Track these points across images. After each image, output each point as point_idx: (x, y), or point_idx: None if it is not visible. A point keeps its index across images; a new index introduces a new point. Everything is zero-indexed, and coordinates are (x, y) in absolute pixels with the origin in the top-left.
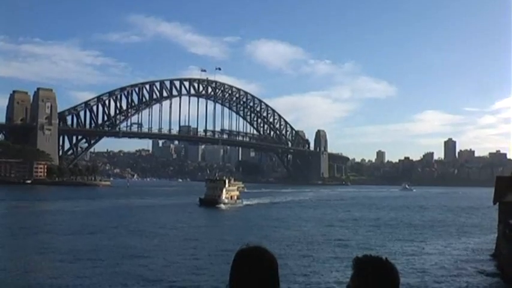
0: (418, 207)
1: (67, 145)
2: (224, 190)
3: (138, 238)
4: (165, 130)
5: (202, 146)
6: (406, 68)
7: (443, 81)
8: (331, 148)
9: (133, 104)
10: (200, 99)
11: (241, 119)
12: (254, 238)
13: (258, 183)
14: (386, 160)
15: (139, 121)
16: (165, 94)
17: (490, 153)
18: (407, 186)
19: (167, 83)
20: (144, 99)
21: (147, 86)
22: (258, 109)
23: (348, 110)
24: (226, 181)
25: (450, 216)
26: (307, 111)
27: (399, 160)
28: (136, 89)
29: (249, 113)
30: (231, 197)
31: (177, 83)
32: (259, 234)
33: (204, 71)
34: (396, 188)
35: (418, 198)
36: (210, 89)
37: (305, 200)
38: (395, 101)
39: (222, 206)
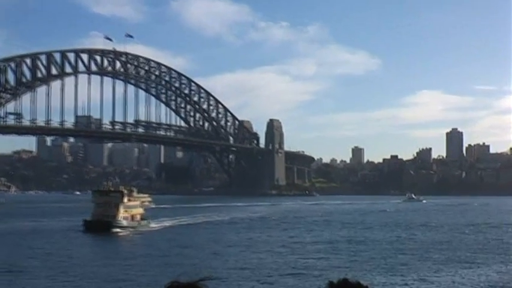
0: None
1: None
2: (121, 207)
3: None
4: (55, 123)
5: (109, 145)
6: (394, 32)
7: (446, 50)
8: (290, 145)
9: (7, 87)
10: (105, 78)
11: (163, 106)
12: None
13: (188, 195)
14: (365, 160)
15: (18, 110)
16: (54, 71)
17: None
18: (413, 196)
19: (57, 56)
20: (24, 79)
21: (28, 61)
22: (186, 92)
23: (312, 92)
24: (125, 193)
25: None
26: (255, 94)
27: (384, 160)
28: (13, 65)
29: (174, 98)
30: (133, 216)
31: (72, 56)
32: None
33: (110, 39)
34: (397, 199)
35: (434, 214)
36: (118, 64)
37: (252, 218)
38: (378, 78)
39: (119, 230)
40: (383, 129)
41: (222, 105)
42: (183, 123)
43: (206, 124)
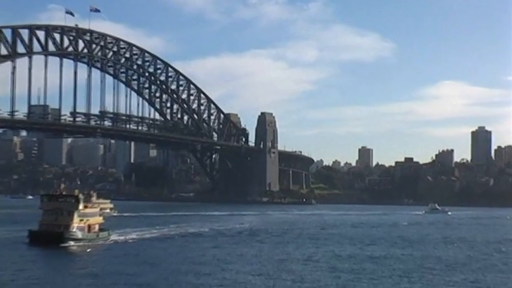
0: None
1: None
2: (76, 215)
3: None
4: (4, 113)
5: (69, 140)
6: (411, 11)
7: (472, 34)
8: (285, 143)
9: None
10: (65, 60)
11: (134, 95)
12: None
13: (163, 202)
14: (375, 163)
15: None
16: (4, 51)
17: None
18: (437, 207)
19: (7, 33)
20: None
21: None
22: (162, 78)
23: (312, 81)
24: (81, 198)
25: None
26: (244, 83)
27: (396, 163)
28: None
29: (147, 85)
30: (90, 227)
31: (25, 33)
32: None
33: (72, 14)
34: (416, 210)
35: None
36: (81, 44)
37: (237, 230)
38: (391, 65)
39: (72, 243)
40: (396, 127)
41: (204, 95)
42: (158, 116)
43: (186, 117)
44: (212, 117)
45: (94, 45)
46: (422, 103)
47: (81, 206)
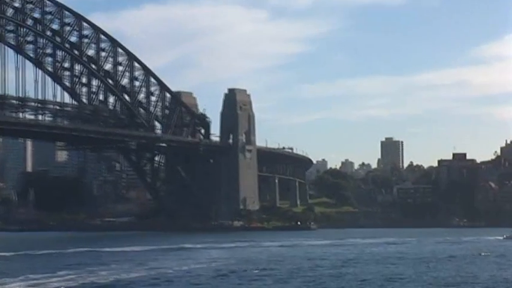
0: None
1: None
2: None
3: None
4: None
5: None
6: None
7: None
8: (267, 136)
9: None
10: None
11: (30, 66)
12: None
13: (80, 231)
14: (406, 163)
15: None
16: None
17: None
18: None
19: None
20: None
21: None
22: (73, 40)
23: (307, 38)
24: None
25: None
26: (203, 44)
27: (440, 163)
28: None
29: (50, 51)
30: None
31: None
32: None
33: None
34: (486, 235)
35: None
36: None
37: (189, 276)
38: (431, 11)
39: None
40: (439, 107)
41: (141, 64)
42: (67, 99)
43: (112, 99)
44: (153, 99)
45: None
46: (479, 69)
47: None
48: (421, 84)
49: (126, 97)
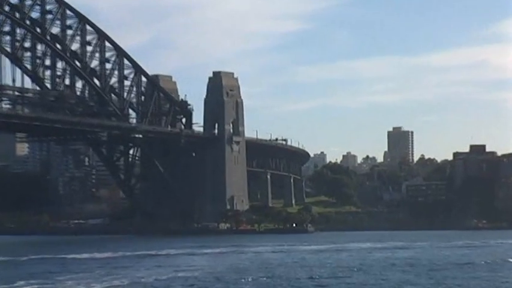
0: None
1: None
2: None
3: None
4: None
5: None
6: None
7: None
8: (258, 126)
9: None
10: None
11: None
12: None
13: (43, 235)
14: (417, 157)
15: None
16: None
17: None
18: None
19: None
20: None
21: None
22: (35, 15)
23: (304, 14)
24: None
25: None
26: (183, 22)
27: (455, 155)
28: None
29: (9, 28)
30: None
31: None
32: None
33: None
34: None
35: None
36: None
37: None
38: None
39: None
40: (453, 92)
41: (112, 43)
42: (29, 84)
43: (79, 84)
44: (127, 83)
45: None
46: (498, 48)
47: None
48: (433, 66)
49: (96, 81)
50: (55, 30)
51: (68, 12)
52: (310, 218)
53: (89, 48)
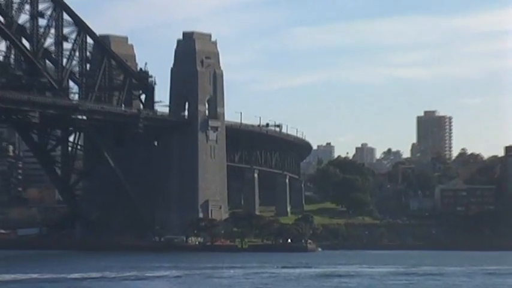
0: None
1: None
2: None
3: None
4: None
5: None
6: None
7: None
8: (243, 107)
9: None
10: None
11: None
12: None
13: None
14: (455, 153)
15: None
16: None
17: None
18: None
19: None
20: None
21: None
22: None
23: None
24: None
25: None
26: None
27: (508, 149)
28: None
29: None
30: None
31: None
32: None
33: None
34: None
35: None
36: None
37: None
38: None
39: None
40: (506, 66)
41: None
42: None
43: (2, 45)
44: (67, 46)
45: None
46: None
47: None
48: (479, 30)
49: (26, 43)
50: None
51: None
52: (310, 232)
53: (15, 2)
